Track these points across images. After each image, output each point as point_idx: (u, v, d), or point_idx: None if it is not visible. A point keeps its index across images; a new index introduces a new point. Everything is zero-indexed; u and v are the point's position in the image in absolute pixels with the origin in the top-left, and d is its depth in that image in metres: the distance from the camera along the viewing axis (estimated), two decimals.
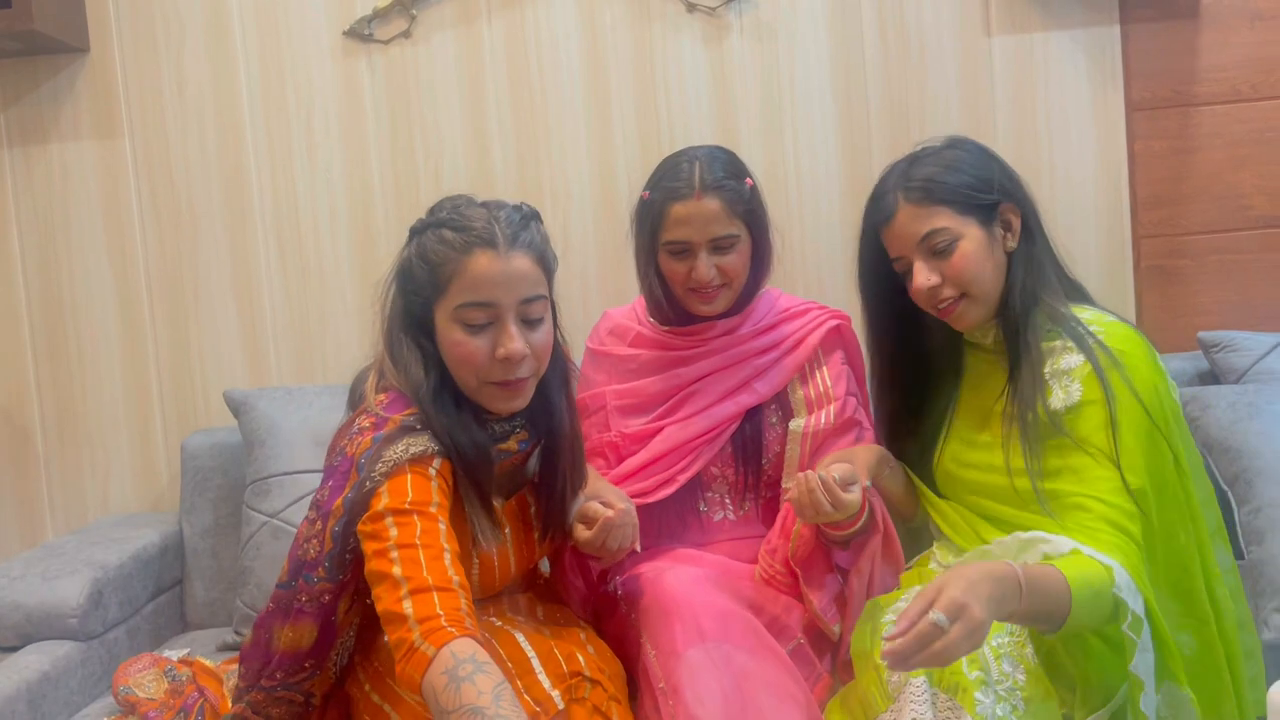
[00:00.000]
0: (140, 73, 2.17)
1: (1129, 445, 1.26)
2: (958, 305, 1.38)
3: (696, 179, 1.53)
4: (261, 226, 2.18)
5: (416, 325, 1.33)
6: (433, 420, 1.29)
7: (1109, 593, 1.16)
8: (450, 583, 1.17)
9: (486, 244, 1.28)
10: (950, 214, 1.36)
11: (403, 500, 1.22)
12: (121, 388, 2.20)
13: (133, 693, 1.56)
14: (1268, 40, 2.05)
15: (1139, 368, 1.30)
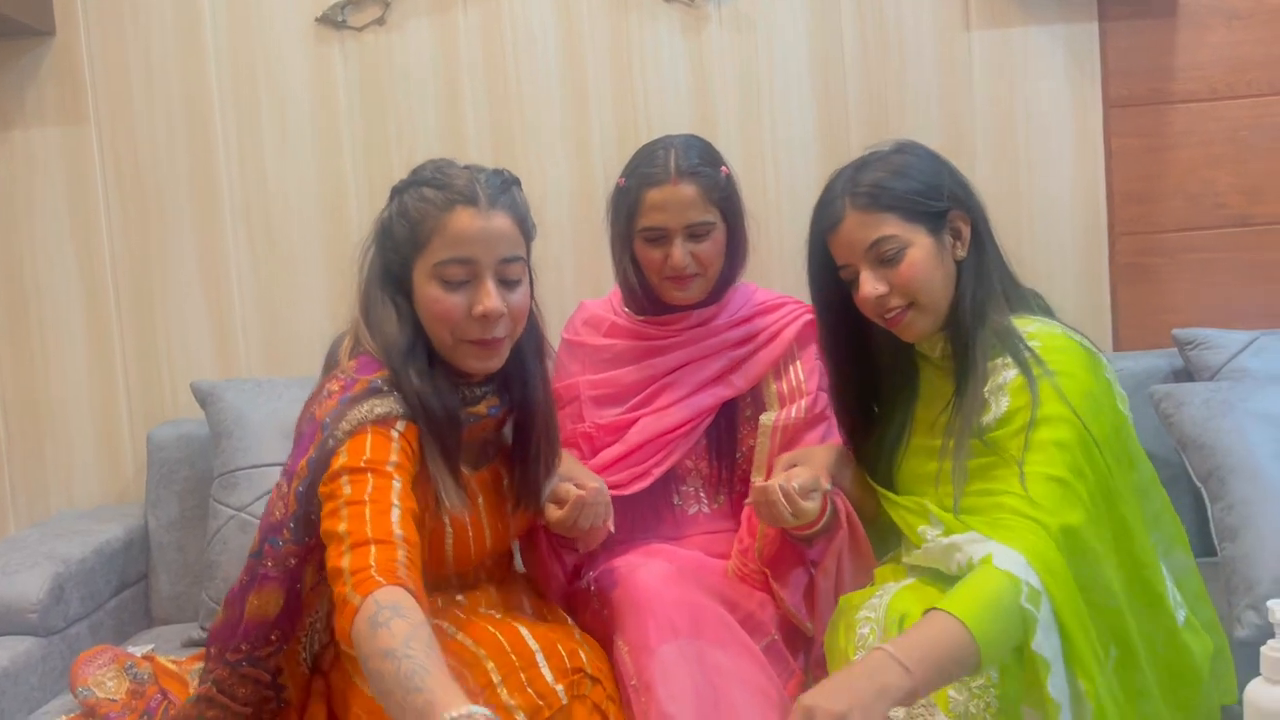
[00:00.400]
0: (107, 57, 2.12)
1: (1045, 445, 1.22)
2: (905, 315, 1.33)
3: (672, 165, 1.53)
4: (231, 215, 2.14)
5: (394, 283, 1.33)
6: (402, 380, 1.28)
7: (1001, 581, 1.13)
8: (390, 536, 1.16)
9: (468, 201, 1.29)
10: (898, 221, 1.32)
11: (359, 458, 1.22)
12: (86, 378, 2.16)
13: (92, 694, 1.52)
14: (1243, 40, 2.06)
15: (1074, 376, 1.26)
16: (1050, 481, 1.21)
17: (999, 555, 1.16)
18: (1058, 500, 1.20)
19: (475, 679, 1.24)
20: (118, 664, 1.61)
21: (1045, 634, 1.13)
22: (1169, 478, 1.82)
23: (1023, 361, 1.26)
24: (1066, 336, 1.31)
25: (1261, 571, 1.51)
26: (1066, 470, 1.21)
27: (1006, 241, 2.06)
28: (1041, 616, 1.13)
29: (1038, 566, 1.15)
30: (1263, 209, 2.08)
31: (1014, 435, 1.24)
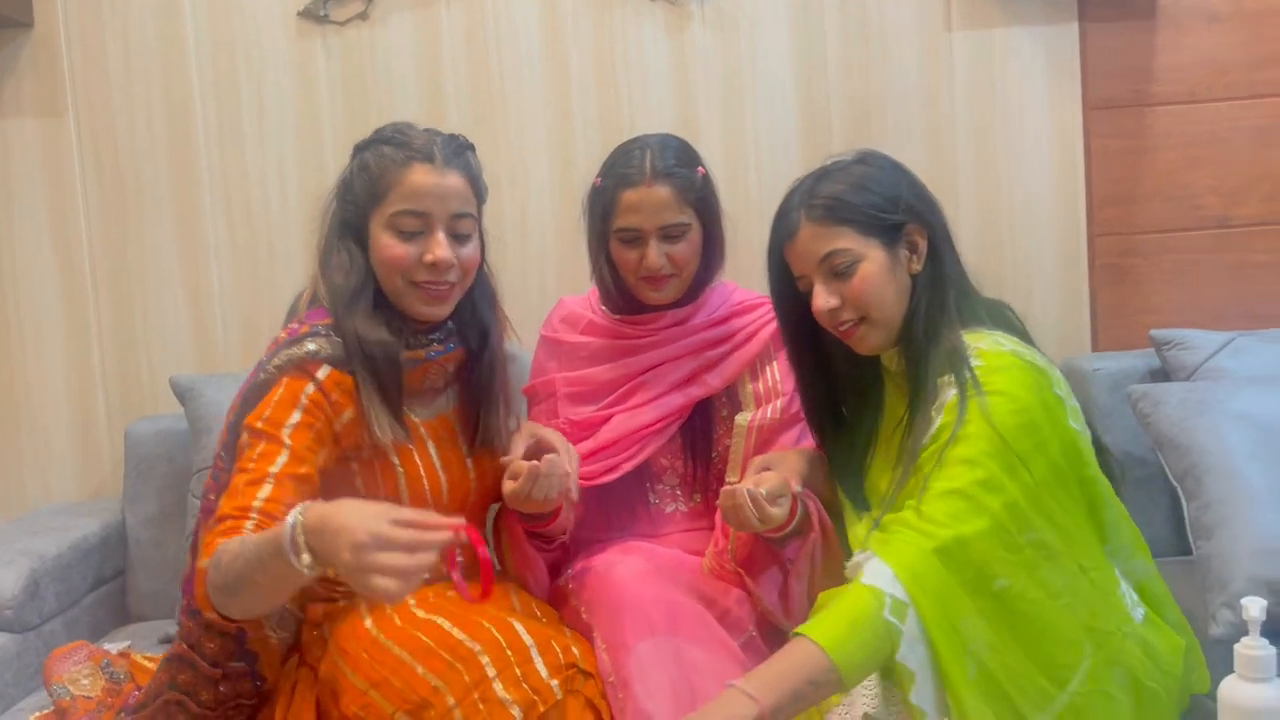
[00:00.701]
0: (86, 49, 2.11)
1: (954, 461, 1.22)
2: (858, 329, 1.33)
3: (648, 166, 1.52)
4: (211, 209, 2.13)
5: (351, 234, 1.42)
6: (343, 321, 1.37)
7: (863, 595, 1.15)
8: (246, 512, 1.24)
9: (425, 159, 1.39)
10: (852, 234, 1.31)
11: (263, 414, 1.32)
12: (63, 372, 2.15)
13: (66, 693, 1.51)
14: (1223, 42, 2.07)
15: (1008, 395, 1.24)
16: (949, 495, 1.21)
17: (868, 570, 1.17)
18: (952, 513, 1.20)
19: (470, 673, 1.24)
20: (93, 661, 1.59)
21: (910, 646, 1.14)
22: (1146, 476, 1.85)
23: (962, 382, 1.26)
24: (1013, 355, 1.29)
25: (1236, 570, 1.52)
26: (972, 484, 1.21)
27: (985, 242, 2.11)
28: (906, 629, 1.14)
29: (905, 579, 1.16)
30: (1241, 211, 2.10)
31: (932, 455, 1.25)
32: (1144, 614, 1.30)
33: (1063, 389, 1.30)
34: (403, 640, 1.30)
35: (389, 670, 1.28)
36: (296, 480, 1.29)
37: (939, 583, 1.17)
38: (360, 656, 1.31)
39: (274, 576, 1.15)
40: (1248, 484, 1.60)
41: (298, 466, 1.29)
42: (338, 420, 1.35)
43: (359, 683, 1.30)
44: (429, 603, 1.36)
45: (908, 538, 1.20)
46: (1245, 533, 1.55)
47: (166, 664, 1.40)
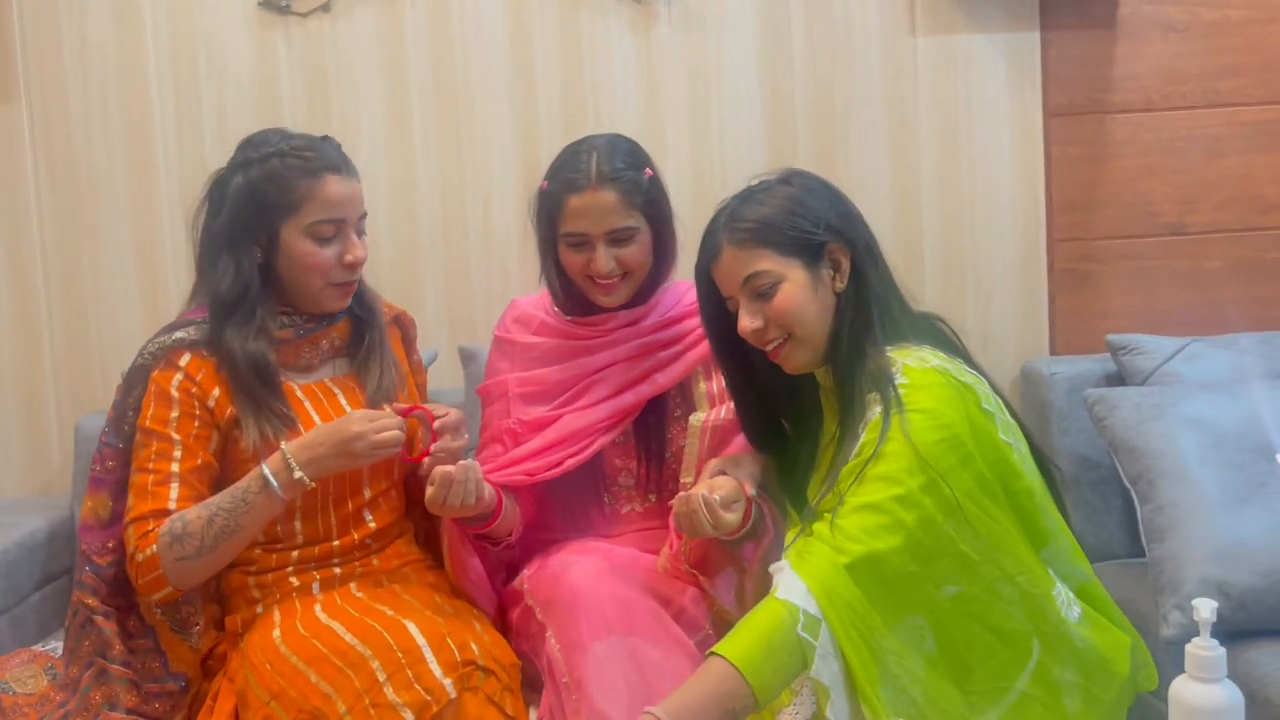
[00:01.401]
0: (39, 33, 2.06)
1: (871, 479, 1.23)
2: (783, 348, 1.35)
3: (593, 170, 1.50)
4: (167, 202, 2.09)
5: (247, 243, 1.49)
6: (216, 331, 1.47)
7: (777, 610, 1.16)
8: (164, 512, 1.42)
9: (334, 169, 1.50)
10: (773, 256, 1.33)
11: (146, 416, 1.47)
12: (11, 365, 2.10)
13: (9, 689, 1.49)
14: (1179, 52, 2.10)
15: (931, 412, 1.25)
16: (863, 510, 1.22)
17: (783, 585, 1.18)
18: (866, 528, 1.21)
19: (360, 679, 1.25)
20: (37, 664, 1.58)
21: (824, 661, 1.16)
22: (1100, 480, 1.88)
23: (886, 400, 1.27)
24: (937, 371, 1.29)
25: (1188, 572, 1.54)
26: (887, 499, 1.21)
27: (946, 245, 2.12)
28: (820, 644, 1.16)
29: (818, 593, 1.17)
30: (1195, 218, 2.13)
31: (851, 472, 1.25)
32: (1080, 613, 1.32)
33: (991, 404, 1.31)
34: (300, 649, 1.32)
35: (286, 680, 1.30)
36: (197, 472, 1.45)
37: (851, 598, 1.18)
38: (264, 668, 1.33)
39: (257, 513, 1.40)
40: (1200, 488, 1.63)
41: (194, 459, 1.45)
42: (209, 399, 1.47)
43: (261, 694, 1.32)
44: (333, 606, 1.39)
45: (821, 552, 1.20)
46: (1197, 536, 1.57)
47: (81, 632, 1.48)
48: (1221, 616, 1.15)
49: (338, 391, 1.55)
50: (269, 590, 1.48)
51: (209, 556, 1.39)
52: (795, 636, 1.15)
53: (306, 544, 1.49)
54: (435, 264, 2.13)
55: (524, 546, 1.60)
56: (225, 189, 1.51)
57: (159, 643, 1.47)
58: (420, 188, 2.12)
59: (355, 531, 1.52)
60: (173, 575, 1.40)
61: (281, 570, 1.48)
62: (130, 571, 1.43)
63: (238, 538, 1.40)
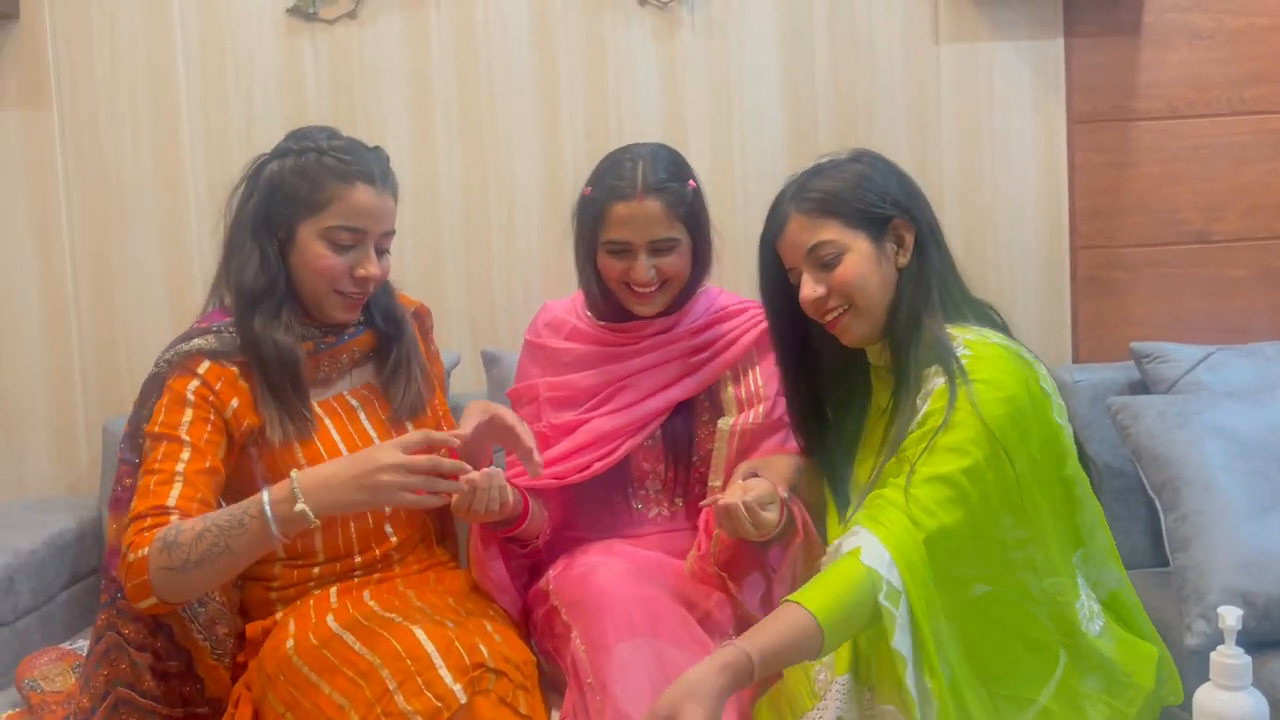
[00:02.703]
0: (71, 42, 2.09)
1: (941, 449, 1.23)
2: (844, 317, 1.36)
3: (639, 179, 1.51)
4: (195, 206, 2.12)
5: (268, 232, 1.45)
6: (244, 319, 1.42)
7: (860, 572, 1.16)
8: (163, 509, 1.31)
9: (368, 179, 1.44)
10: (839, 226, 1.35)
11: (157, 421, 1.38)
12: (41, 367, 2.12)
13: (38, 687, 1.50)
14: (1205, 59, 2.10)
15: (997, 384, 1.26)
16: (935, 481, 1.22)
17: (867, 550, 1.18)
18: (938, 500, 1.21)
19: (370, 688, 1.25)
20: (65, 662, 1.59)
21: (902, 632, 1.16)
22: (1124, 488, 1.87)
23: (950, 371, 1.28)
24: (1000, 346, 1.31)
25: (1212, 581, 1.53)
26: (957, 471, 1.22)
27: (969, 252, 2.12)
28: (900, 615, 1.16)
29: (901, 565, 1.18)
30: (1221, 226, 2.12)
31: (919, 440, 1.26)
32: (1102, 626, 1.31)
33: (1049, 384, 1.32)
34: (312, 660, 1.32)
35: (300, 692, 1.30)
36: (204, 475, 1.36)
37: (926, 575, 1.19)
38: (278, 679, 1.33)
39: (249, 541, 1.27)
40: (1224, 496, 1.62)
41: (202, 461, 1.36)
42: (226, 410, 1.40)
43: (277, 706, 1.32)
44: (345, 614, 1.38)
45: (899, 521, 1.20)
46: (1221, 544, 1.57)
47: (102, 660, 1.41)
48: (1246, 626, 1.15)
49: (357, 406, 1.52)
50: (290, 603, 1.46)
51: (194, 574, 1.27)
52: (874, 602, 1.16)
53: (328, 560, 1.47)
54: (458, 268, 2.15)
55: (550, 546, 1.60)
56: (260, 174, 1.47)
57: (194, 667, 1.43)
58: (444, 192, 2.13)
59: (377, 547, 1.50)
60: (158, 584, 1.28)
61: (304, 585, 1.47)
62: (119, 573, 1.32)
63: (225, 561, 1.27)
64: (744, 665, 1.13)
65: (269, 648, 1.38)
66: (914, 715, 1.15)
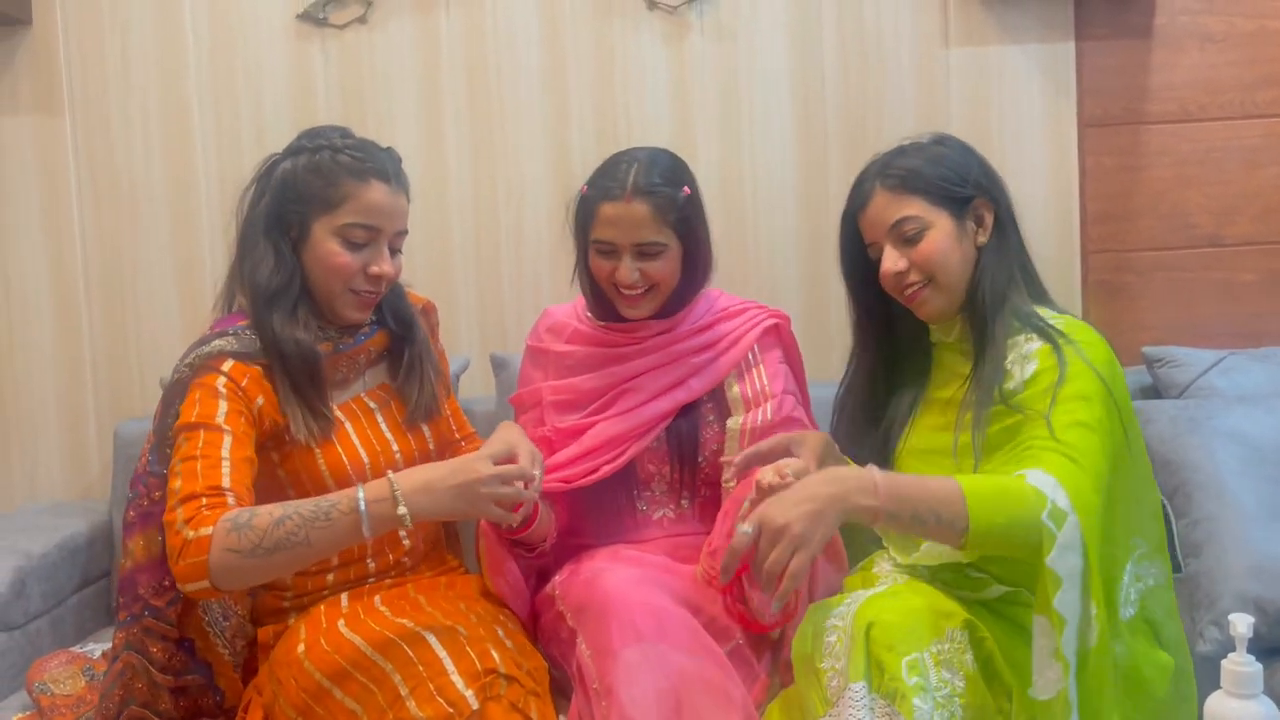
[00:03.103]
0: (84, 48, 2.11)
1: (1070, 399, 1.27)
2: (923, 292, 1.41)
3: (630, 181, 1.51)
4: (207, 211, 2.13)
5: (282, 232, 1.44)
6: (262, 318, 1.40)
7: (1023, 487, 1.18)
8: (219, 489, 1.28)
9: (383, 177, 1.44)
10: (922, 203, 1.39)
11: (191, 415, 1.34)
12: (53, 371, 2.14)
13: (48, 690, 1.51)
14: (1217, 62, 2.09)
15: (1097, 348, 1.33)
16: (1078, 427, 1.25)
17: (1031, 474, 1.20)
18: (1087, 446, 1.24)
19: (383, 694, 1.25)
20: (75, 665, 1.59)
21: (1061, 553, 1.17)
22: None
23: (1048, 335, 1.33)
24: (1088, 326, 1.38)
25: (1224, 587, 1.52)
26: (1092, 419, 1.26)
27: None
28: (1062, 536, 1.17)
29: (1069, 488, 1.19)
30: (1233, 230, 2.11)
31: (1042, 394, 1.29)
32: (1133, 615, 1.31)
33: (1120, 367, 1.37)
34: (324, 666, 1.32)
35: (311, 697, 1.30)
36: (246, 463, 1.33)
37: (1094, 501, 1.21)
38: (290, 684, 1.33)
39: (333, 534, 1.25)
40: (1237, 502, 1.61)
41: (242, 450, 1.33)
42: (253, 405, 1.39)
43: (288, 710, 1.32)
44: (356, 619, 1.37)
45: (1057, 459, 1.22)
46: (1234, 550, 1.56)
47: (118, 680, 1.40)
48: (1258, 633, 1.14)
49: (375, 408, 1.51)
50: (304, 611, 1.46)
51: (261, 560, 1.23)
52: (1035, 519, 1.17)
53: (342, 565, 1.47)
54: (467, 272, 2.15)
55: (556, 552, 1.60)
56: (273, 173, 1.46)
57: (215, 680, 1.42)
58: (453, 197, 2.14)
59: (391, 553, 1.50)
60: (216, 566, 1.22)
61: (317, 593, 1.46)
62: (170, 552, 1.25)
63: (299, 552, 1.24)
64: (864, 482, 1.18)
65: (280, 652, 1.38)
66: (1059, 635, 1.15)
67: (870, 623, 1.21)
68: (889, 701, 1.17)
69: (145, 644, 1.39)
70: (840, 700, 1.19)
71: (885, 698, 1.17)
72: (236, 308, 1.48)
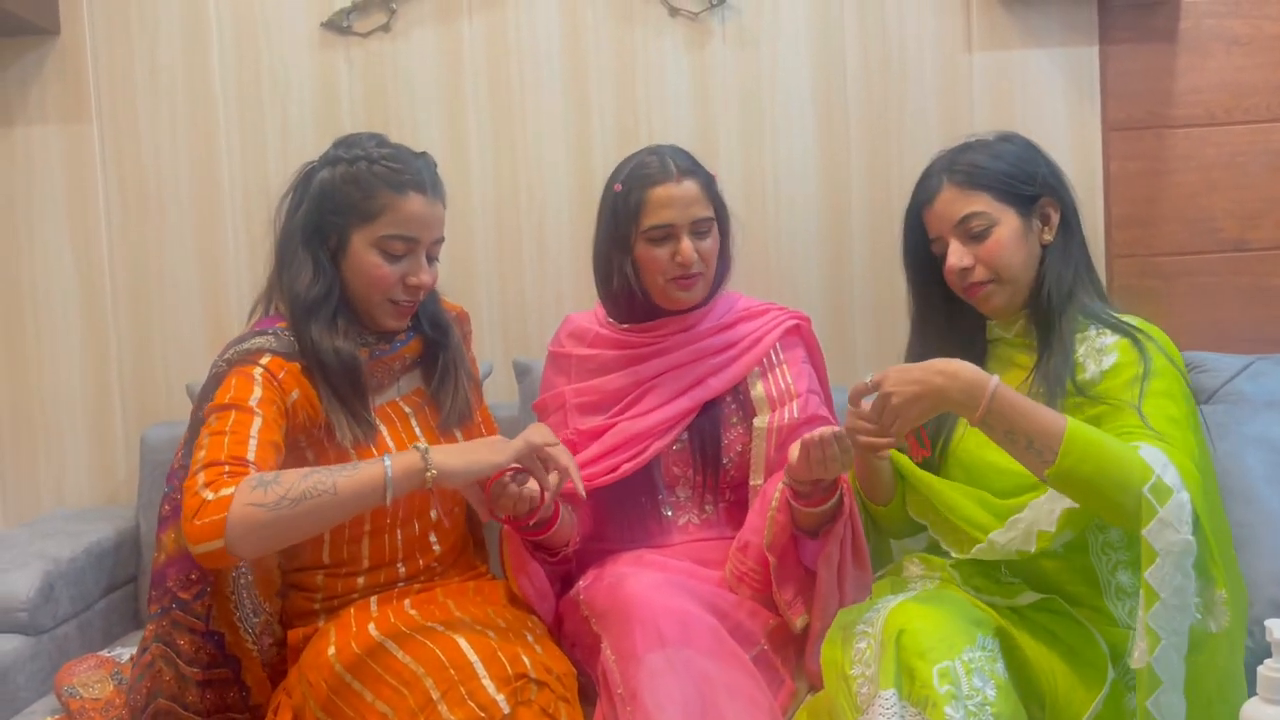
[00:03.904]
0: (111, 58, 2.13)
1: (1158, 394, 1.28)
2: (985, 288, 1.41)
3: (672, 165, 1.56)
4: (232, 218, 2.14)
5: (320, 240, 1.45)
6: (302, 328, 1.41)
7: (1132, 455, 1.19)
8: (243, 460, 1.27)
9: (420, 188, 1.44)
10: (989, 200, 1.40)
11: (224, 397, 1.35)
12: (80, 377, 2.16)
13: (77, 694, 1.52)
14: (1242, 65, 2.07)
15: (1170, 347, 1.34)
16: (1171, 423, 1.26)
17: (1145, 448, 1.20)
18: (1185, 440, 1.25)
19: (414, 697, 1.25)
20: (104, 669, 1.60)
21: (1161, 528, 1.17)
22: None
23: (1123, 330, 1.34)
24: (1156, 326, 1.38)
25: (1256, 593, 1.51)
26: (1182, 416, 1.27)
27: None
28: (1164, 512, 1.17)
29: (1180, 468, 1.20)
30: (1259, 234, 2.09)
31: (1127, 385, 1.29)
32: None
33: None
34: (355, 668, 1.32)
35: (343, 700, 1.30)
36: (273, 447, 1.32)
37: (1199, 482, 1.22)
38: (320, 686, 1.33)
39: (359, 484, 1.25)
40: (1267, 507, 1.60)
41: (271, 434, 1.33)
42: (287, 399, 1.39)
43: (317, 712, 1.32)
44: (386, 623, 1.38)
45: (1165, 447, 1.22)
46: (1266, 556, 1.55)
47: (146, 672, 1.41)
48: None
49: (410, 412, 1.52)
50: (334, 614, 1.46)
51: (285, 513, 1.21)
52: (1136, 488, 1.17)
53: (372, 568, 1.47)
54: (490, 278, 2.16)
55: (581, 558, 1.60)
56: (310, 182, 1.47)
57: (242, 675, 1.43)
58: (476, 203, 2.15)
59: (421, 558, 1.51)
60: (236, 523, 1.20)
61: (347, 596, 1.47)
62: (185, 513, 1.23)
63: (325, 501, 1.22)
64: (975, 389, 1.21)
65: (310, 655, 1.39)
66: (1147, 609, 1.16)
67: (901, 629, 1.20)
68: (920, 709, 1.16)
69: (173, 636, 1.40)
70: (870, 707, 1.19)
71: (916, 705, 1.16)
72: (274, 311, 1.49)
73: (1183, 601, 1.17)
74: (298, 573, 1.48)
